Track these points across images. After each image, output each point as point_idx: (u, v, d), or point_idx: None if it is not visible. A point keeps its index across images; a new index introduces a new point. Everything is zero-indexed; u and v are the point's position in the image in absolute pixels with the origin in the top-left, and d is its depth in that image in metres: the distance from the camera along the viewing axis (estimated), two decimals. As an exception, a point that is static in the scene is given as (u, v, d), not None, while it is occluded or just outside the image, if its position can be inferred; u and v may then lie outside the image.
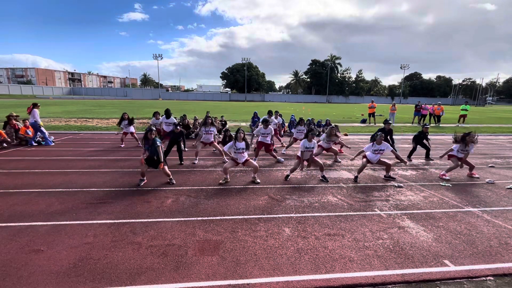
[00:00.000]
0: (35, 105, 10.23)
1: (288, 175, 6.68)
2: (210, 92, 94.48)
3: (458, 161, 6.96)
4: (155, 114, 10.98)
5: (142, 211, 4.69)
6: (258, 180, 6.36)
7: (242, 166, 6.48)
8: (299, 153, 6.62)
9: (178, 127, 7.99)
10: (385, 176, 6.98)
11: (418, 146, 9.05)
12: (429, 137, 9.09)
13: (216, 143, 8.19)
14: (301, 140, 9.42)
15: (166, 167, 5.99)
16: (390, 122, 8.41)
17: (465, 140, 6.77)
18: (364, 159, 6.87)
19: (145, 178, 6.11)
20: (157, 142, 5.77)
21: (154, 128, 5.92)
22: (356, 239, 3.95)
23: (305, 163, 6.62)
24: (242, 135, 6.24)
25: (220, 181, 6.27)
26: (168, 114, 10.14)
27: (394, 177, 6.94)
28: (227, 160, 7.93)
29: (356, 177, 6.72)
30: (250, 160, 6.39)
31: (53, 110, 26.17)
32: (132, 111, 25.74)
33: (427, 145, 9.05)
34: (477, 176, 7.17)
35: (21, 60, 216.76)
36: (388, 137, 8.90)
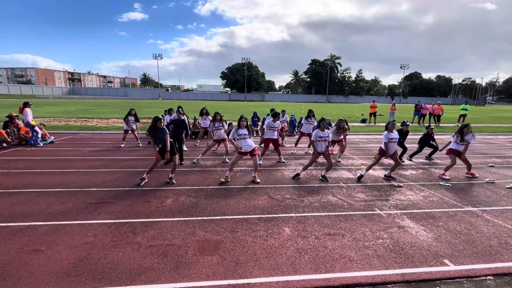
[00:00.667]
0: (26, 104, 10.00)
1: (298, 174, 6.66)
2: (210, 92, 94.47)
3: (455, 158, 6.98)
4: (170, 111, 10.96)
5: (142, 211, 4.69)
6: (258, 180, 6.35)
7: (241, 166, 6.49)
8: (318, 148, 6.45)
9: (180, 109, 7.96)
10: (385, 175, 6.97)
11: (426, 147, 9.00)
12: (434, 137, 9.07)
13: (227, 142, 8.02)
14: (307, 134, 9.36)
15: (175, 157, 6.12)
16: (408, 123, 8.33)
17: (463, 131, 6.85)
18: (378, 155, 6.77)
19: (146, 178, 6.11)
20: (166, 130, 5.97)
21: (161, 117, 6.04)
22: (356, 238, 3.95)
23: (320, 158, 6.48)
24: (245, 123, 6.26)
25: (221, 180, 6.28)
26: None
27: (394, 177, 6.94)
28: (227, 161, 7.94)
29: (361, 176, 6.68)
30: (257, 153, 6.31)
31: (53, 110, 26.15)
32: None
33: (435, 145, 8.95)
34: (476, 175, 7.17)
35: (21, 60, 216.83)
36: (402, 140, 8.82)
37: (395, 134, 6.59)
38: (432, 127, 9.00)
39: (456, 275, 3.19)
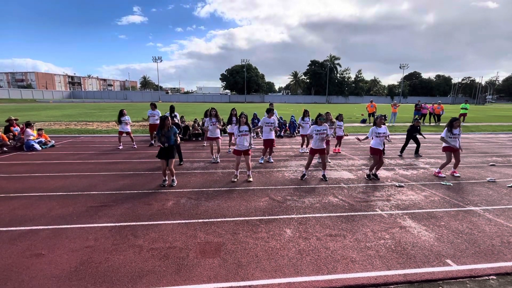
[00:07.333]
0: (28, 125, 10.03)
1: (304, 175, 6.79)
2: (210, 94, 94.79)
3: (451, 155, 6.99)
4: (152, 105, 11.09)
5: (143, 214, 4.68)
6: (251, 179, 6.49)
7: (243, 167, 6.51)
8: (311, 144, 6.68)
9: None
10: (372, 174, 6.87)
11: (411, 140, 9.44)
12: (422, 132, 9.54)
13: (219, 141, 8.28)
14: (306, 135, 9.60)
15: (172, 161, 6.12)
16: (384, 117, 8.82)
17: (452, 124, 6.89)
18: (373, 155, 6.81)
19: (167, 180, 6.21)
20: (175, 129, 6.09)
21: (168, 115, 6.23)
22: (357, 239, 3.94)
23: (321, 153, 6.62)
24: (245, 119, 6.40)
25: (232, 179, 6.40)
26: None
27: (379, 177, 6.80)
28: (218, 160, 7.95)
29: (375, 175, 6.77)
30: (250, 155, 6.51)
31: (53, 114, 26.20)
32: (132, 113, 25.73)
33: (418, 140, 9.41)
34: (458, 174, 7.13)
35: (21, 64, 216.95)
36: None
37: (382, 129, 6.67)
38: (419, 120, 9.52)
39: (459, 275, 3.17)
